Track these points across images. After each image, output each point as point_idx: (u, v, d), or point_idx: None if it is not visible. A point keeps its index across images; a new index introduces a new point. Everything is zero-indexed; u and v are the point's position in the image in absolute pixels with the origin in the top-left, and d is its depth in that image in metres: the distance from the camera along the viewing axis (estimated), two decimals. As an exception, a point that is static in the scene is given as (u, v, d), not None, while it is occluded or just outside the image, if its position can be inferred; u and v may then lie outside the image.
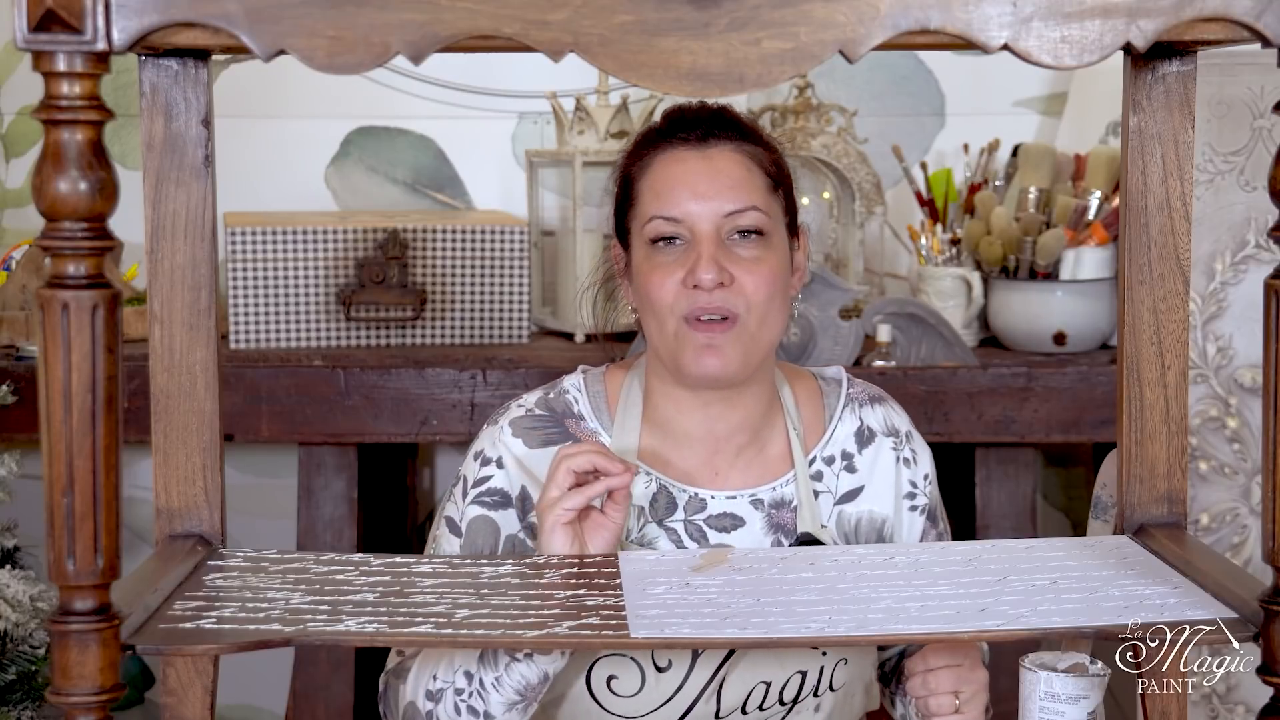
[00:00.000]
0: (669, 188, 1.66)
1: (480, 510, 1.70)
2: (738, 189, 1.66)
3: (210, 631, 1.19)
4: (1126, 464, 1.44)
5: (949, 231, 2.87)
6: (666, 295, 1.64)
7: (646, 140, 1.71)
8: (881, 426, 1.78)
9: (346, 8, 1.08)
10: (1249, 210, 2.30)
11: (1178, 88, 1.39)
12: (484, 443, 1.74)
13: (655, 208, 1.66)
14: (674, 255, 1.65)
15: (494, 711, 1.58)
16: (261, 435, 2.64)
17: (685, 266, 1.64)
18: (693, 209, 1.65)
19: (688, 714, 1.66)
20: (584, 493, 1.53)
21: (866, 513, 1.76)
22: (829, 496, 1.75)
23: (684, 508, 1.71)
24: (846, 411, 1.78)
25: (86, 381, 1.08)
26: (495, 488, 1.71)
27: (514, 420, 1.73)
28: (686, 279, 1.63)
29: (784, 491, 1.73)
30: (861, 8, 1.10)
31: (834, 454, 1.76)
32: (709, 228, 1.64)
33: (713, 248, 1.63)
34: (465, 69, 3.10)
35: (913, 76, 3.17)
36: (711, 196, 1.65)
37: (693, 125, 1.68)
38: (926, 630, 1.23)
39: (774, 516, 1.72)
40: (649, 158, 1.69)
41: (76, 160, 1.06)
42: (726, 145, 1.68)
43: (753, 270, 1.64)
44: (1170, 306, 1.42)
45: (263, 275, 2.70)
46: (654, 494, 1.71)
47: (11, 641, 2.34)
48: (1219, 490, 2.33)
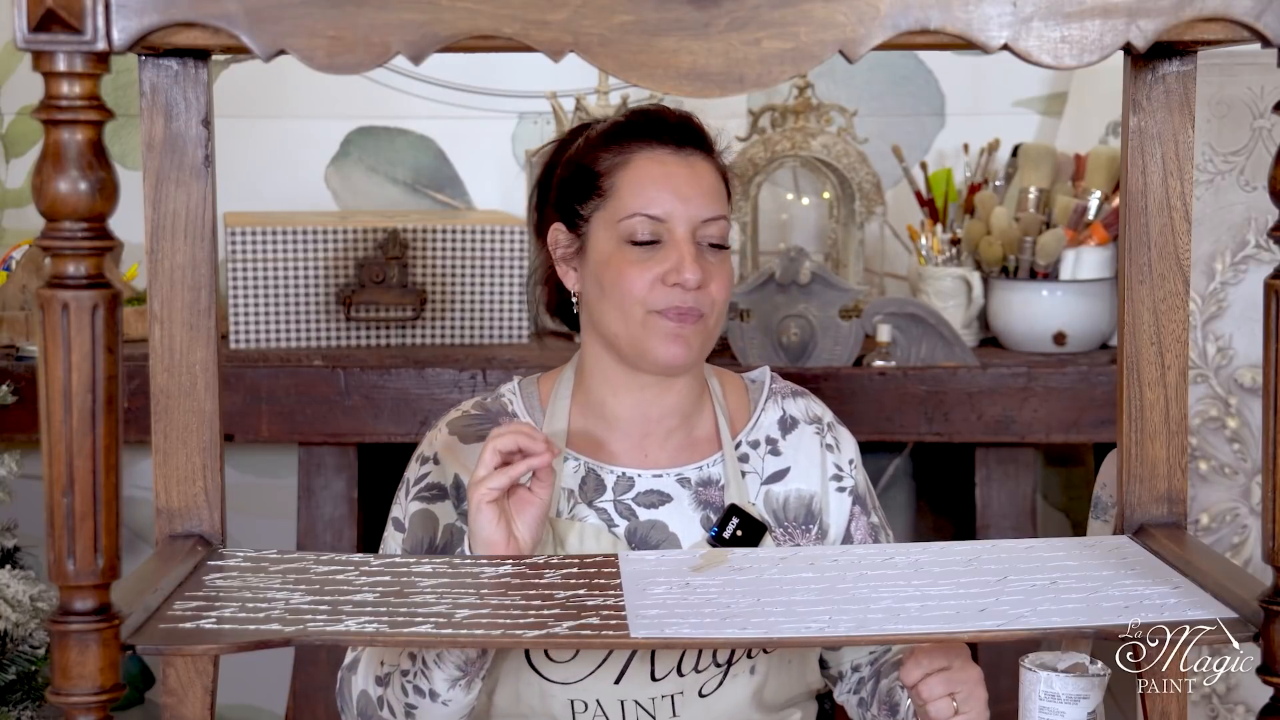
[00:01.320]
0: (653, 186, 1.71)
1: (420, 505, 1.78)
2: (712, 198, 1.74)
3: (210, 631, 1.19)
4: (1126, 464, 1.44)
5: (949, 231, 2.87)
6: (640, 289, 1.70)
7: (619, 135, 1.75)
8: (803, 415, 1.85)
9: (346, 8, 1.08)
10: (1249, 210, 2.30)
11: (1178, 88, 1.39)
12: (423, 444, 1.82)
13: (638, 204, 1.71)
14: (650, 252, 1.71)
15: (438, 689, 1.63)
16: (261, 435, 2.64)
17: (662, 264, 1.70)
18: (675, 210, 1.71)
19: (622, 676, 1.71)
20: (507, 472, 1.58)
21: (794, 490, 1.82)
22: (755, 477, 1.81)
23: (612, 488, 1.78)
24: (769, 403, 1.85)
25: (86, 381, 1.08)
26: (432, 482, 1.78)
27: (450, 421, 1.81)
28: (668, 276, 1.69)
29: (711, 471, 1.80)
30: (861, 8, 1.10)
31: (759, 439, 1.83)
32: (686, 229, 1.71)
33: (693, 249, 1.71)
34: (465, 69, 3.10)
35: (913, 76, 3.17)
36: (692, 200, 1.71)
37: (673, 130, 1.74)
38: (926, 630, 1.23)
39: (701, 494, 1.79)
40: (626, 154, 1.73)
41: (76, 160, 1.06)
42: (699, 154, 1.75)
43: (718, 275, 1.73)
44: (1170, 306, 1.42)
45: (263, 275, 2.70)
46: (583, 477, 1.77)
47: (11, 641, 2.34)
48: (1219, 490, 2.33)
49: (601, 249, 1.73)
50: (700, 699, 1.73)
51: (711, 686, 1.73)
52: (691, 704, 1.73)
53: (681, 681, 1.72)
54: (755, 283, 2.66)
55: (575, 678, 1.71)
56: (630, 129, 1.75)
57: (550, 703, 1.72)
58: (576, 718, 1.72)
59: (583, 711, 1.72)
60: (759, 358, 2.65)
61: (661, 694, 1.72)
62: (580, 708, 1.72)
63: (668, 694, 1.72)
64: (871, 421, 2.61)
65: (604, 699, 1.71)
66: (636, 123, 1.76)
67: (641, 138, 1.74)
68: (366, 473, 2.83)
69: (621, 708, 1.72)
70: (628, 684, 1.71)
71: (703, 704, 1.73)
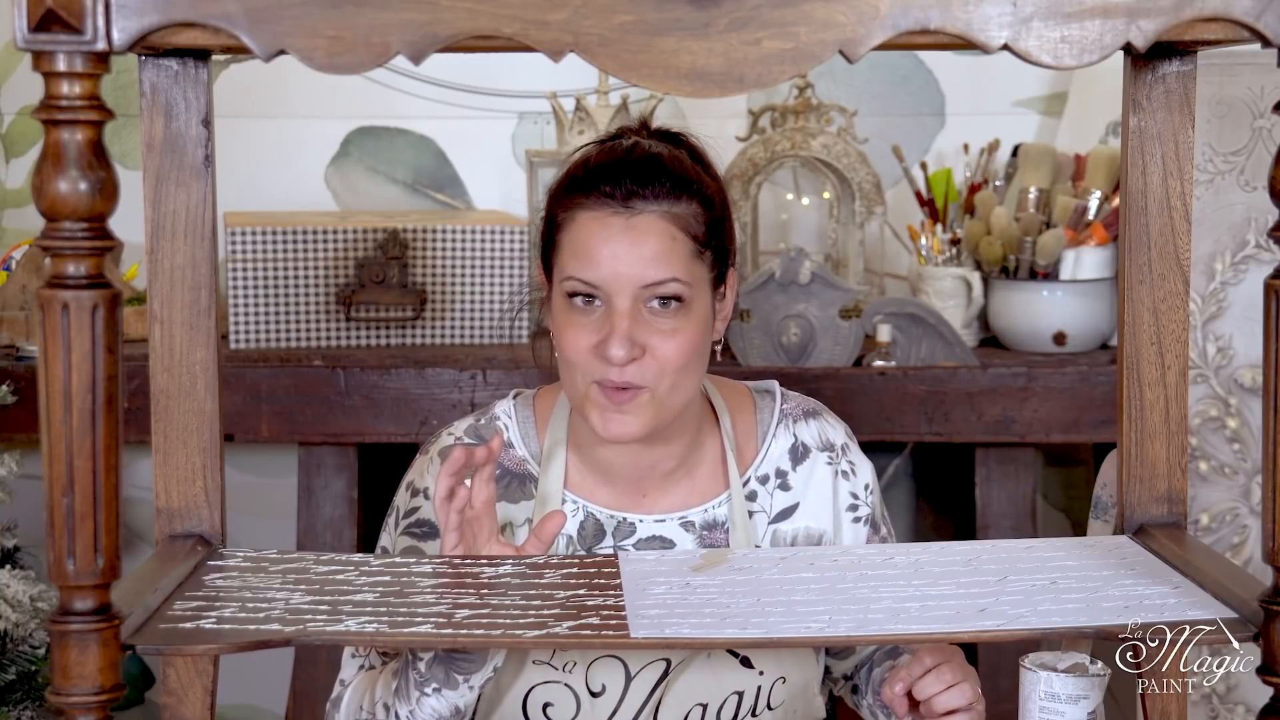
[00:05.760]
0: (589, 251, 1.60)
1: (410, 541, 1.71)
2: (659, 261, 1.59)
3: (210, 631, 1.19)
4: (1126, 464, 1.44)
5: (949, 231, 2.87)
6: (579, 355, 1.60)
7: (571, 187, 1.64)
8: (816, 441, 1.77)
9: (346, 8, 1.08)
10: (1249, 210, 2.30)
11: (1178, 88, 1.39)
12: (414, 473, 1.74)
13: (573, 267, 1.61)
14: (589, 315, 1.61)
15: None
16: (261, 435, 2.64)
17: (599, 333, 1.60)
18: (609, 276, 1.59)
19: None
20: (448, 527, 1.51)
21: (803, 528, 1.75)
22: (763, 516, 1.74)
23: (612, 534, 1.71)
24: (780, 428, 1.76)
25: (86, 381, 1.08)
26: (423, 519, 1.71)
27: (443, 450, 1.72)
28: (599, 347, 1.59)
29: (716, 513, 1.72)
30: (861, 8, 1.10)
31: (768, 472, 1.75)
32: (626, 299, 1.59)
33: (626, 322, 1.58)
34: (465, 69, 3.10)
35: (913, 76, 3.17)
36: (631, 265, 1.59)
37: (617, 181, 1.60)
38: (926, 630, 1.23)
39: (706, 538, 1.71)
40: (572, 210, 1.63)
41: (76, 160, 1.06)
42: (652, 210, 1.60)
43: (667, 340, 1.60)
44: (1170, 306, 1.42)
45: (263, 275, 2.70)
46: (581, 522, 1.71)
47: (11, 641, 2.34)
48: (1219, 490, 2.33)
49: (556, 303, 1.65)
50: None
51: None
52: None
53: None
54: (755, 283, 2.66)
55: None
56: (578, 182, 1.63)
57: None
58: None
59: None
60: (759, 358, 2.65)
61: None
62: None
63: None
64: (871, 421, 2.61)
65: None
66: (581, 176, 1.63)
67: (587, 192, 1.61)
68: (366, 473, 2.83)
69: None
70: None
71: None
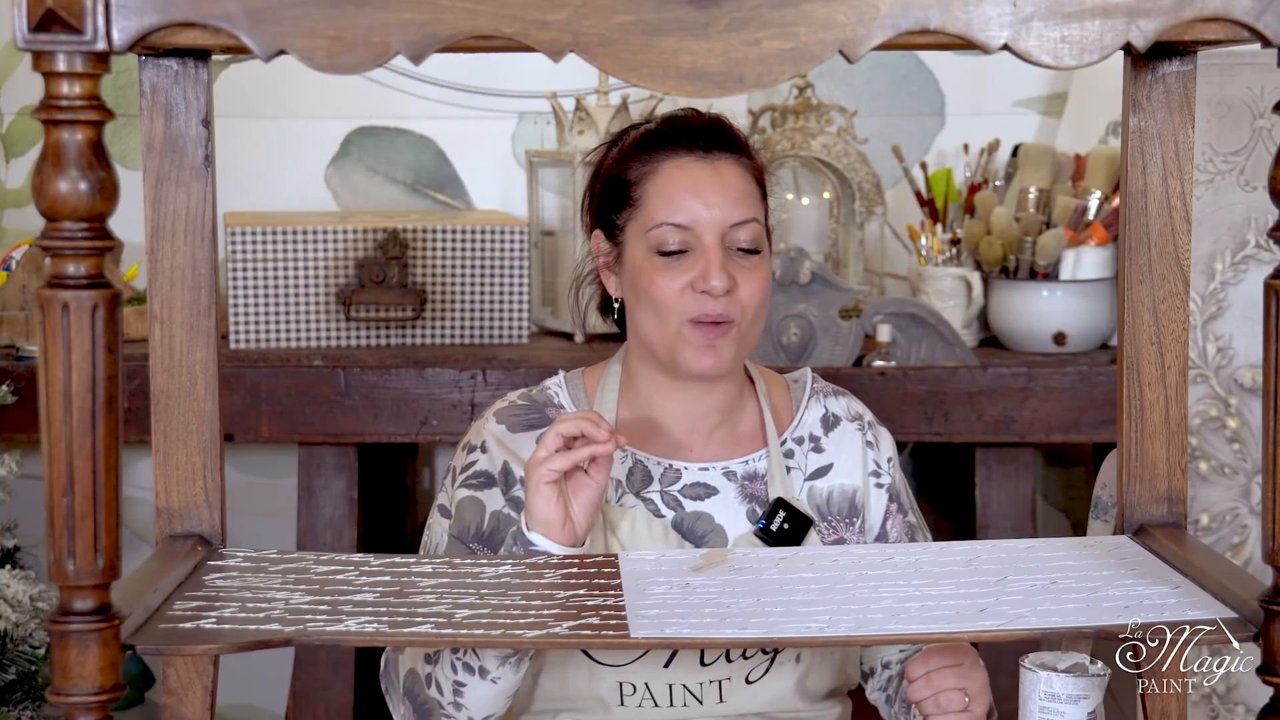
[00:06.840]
0: (679, 196, 1.74)
1: (468, 492, 1.80)
2: (741, 201, 1.75)
3: (210, 631, 1.19)
4: (1126, 464, 1.44)
5: (949, 231, 2.87)
6: (671, 298, 1.73)
7: (648, 144, 1.78)
8: (845, 413, 1.89)
9: (346, 8, 1.08)
10: (1249, 210, 2.30)
11: (1178, 88, 1.39)
12: (470, 434, 1.85)
13: (665, 214, 1.74)
14: (679, 260, 1.73)
15: (489, 665, 1.65)
16: (261, 435, 2.64)
17: (691, 271, 1.72)
18: (701, 217, 1.73)
19: (672, 660, 1.73)
20: (569, 455, 1.61)
21: (838, 486, 1.85)
22: (799, 473, 1.84)
23: (659, 480, 1.81)
24: (812, 401, 1.89)
25: (86, 381, 1.08)
26: (480, 470, 1.80)
27: (498, 410, 1.84)
28: (695, 283, 1.72)
29: (756, 466, 1.83)
30: (861, 8, 1.10)
31: (803, 435, 1.86)
32: (714, 236, 1.73)
33: (720, 256, 1.72)
34: (465, 69, 3.10)
35: (913, 76, 3.17)
36: (719, 206, 1.73)
37: (699, 134, 1.76)
38: (926, 630, 1.23)
39: (747, 487, 1.82)
40: (653, 162, 1.76)
41: (76, 160, 1.06)
42: (728, 157, 1.76)
43: (751, 279, 1.74)
44: (1170, 306, 1.42)
45: (263, 275, 2.70)
46: (630, 468, 1.80)
47: (11, 641, 2.34)
48: (1219, 490, 2.33)
49: (635, 258, 1.76)
50: (747, 685, 1.76)
51: (758, 674, 1.76)
52: (738, 690, 1.76)
53: (729, 667, 1.75)
54: (755, 283, 2.66)
55: (625, 660, 1.73)
56: (657, 137, 1.78)
57: (598, 685, 1.74)
58: (624, 700, 1.74)
59: (630, 694, 1.74)
60: (759, 357, 2.65)
61: (710, 679, 1.75)
62: (629, 690, 1.74)
63: (715, 679, 1.75)
64: (871, 421, 2.60)
65: (653, 682, 1.74)
66: (663, 131, 1.78)
67: (668, 145, 1.76)
68: (366, 473, 2.83)
69: (670, 691, 1.74)
70: (677, 668, 1.74)
71: (749, 691, 1.76)
